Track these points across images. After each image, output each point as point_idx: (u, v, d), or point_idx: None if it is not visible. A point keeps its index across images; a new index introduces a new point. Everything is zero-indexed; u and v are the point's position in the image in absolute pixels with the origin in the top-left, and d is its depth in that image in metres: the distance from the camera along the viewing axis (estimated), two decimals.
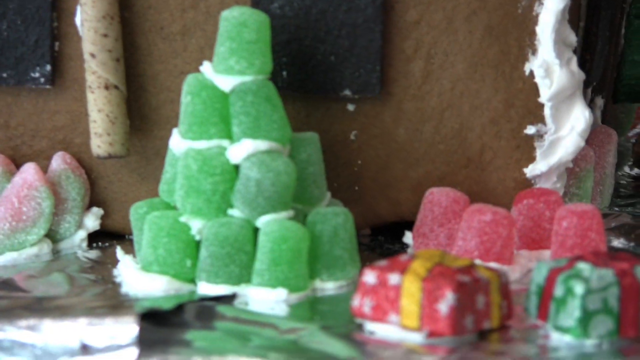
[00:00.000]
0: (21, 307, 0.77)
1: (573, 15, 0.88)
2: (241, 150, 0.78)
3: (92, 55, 0.84)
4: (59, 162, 0.87)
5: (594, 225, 0.80)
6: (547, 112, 0.85)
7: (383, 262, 0.73)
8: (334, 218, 0.79)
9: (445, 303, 0.67)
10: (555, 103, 0.85)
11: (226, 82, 0.79)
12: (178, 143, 0.79)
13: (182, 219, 0.79)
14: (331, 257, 0.79)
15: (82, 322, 0.73)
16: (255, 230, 0.78)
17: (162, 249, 0.79)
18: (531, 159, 0.85)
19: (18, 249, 0.85)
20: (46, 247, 0.86)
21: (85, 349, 0.71)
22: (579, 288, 0.67)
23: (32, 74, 0.88)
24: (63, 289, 0.81)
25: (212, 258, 0.78)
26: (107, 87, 0.84)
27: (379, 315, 0.70)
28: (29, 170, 0.86)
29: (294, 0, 0.86)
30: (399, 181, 0.87)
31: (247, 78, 0.79)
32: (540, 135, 0.85)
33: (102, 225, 0.88)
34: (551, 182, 0.86)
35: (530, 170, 0.85)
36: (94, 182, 0.89)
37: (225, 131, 0.80)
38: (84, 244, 0.88)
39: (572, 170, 0.88)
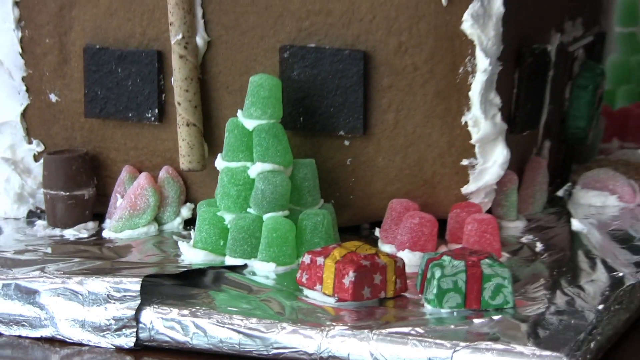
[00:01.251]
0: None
1: (504, 84, 0.92)
2: (256, 169, 0.88)
3: (179, 104, 0.94)
4: (164, 172, 0.97)
5: (489, 229, 0.86)
6: (477, 150, 0.90)
7: (318, 249, 0.82)
8: (315, 217, 0.88)
9: (348, 279, 0.78)
10: (482, 144, 0.90)
11: (249, 124, 0.89)
12: (220, 163, 0.90)
13: (219, 212, 0.89)
14: (311, 244, 0.87)
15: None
16: (262, 223, 0.88)
17: (205, 232, 0.89)
18: (466, 181, 0.91)
19: (133, 228, 0.96)
20: (153, 228, 0.96)
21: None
22: (437, 272, 0.76)
23: (147, 115, 0.97)
24: (151, 254, 0.92)
25: (234, 240, 0.87)
26: (188, 125, 0.94)
27: (310, 284, 0.80)
28: (142, 177, 0.96)
29: (307, 70, 0.92)
30: (379, 193, 0.93)
31: (262, 122, 0.88)
32: (472, 166, 0.91)
33: (193, 214, 0.98)
34: (480, 198, 0.92)
35: (464, 189, 0.91)
36: (188, 186, 0.98)
37: (248, 156, 0.89)
38: (181, 227, 0.97)
39: (500, 189, 0.94)
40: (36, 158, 1.02)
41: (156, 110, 0.98)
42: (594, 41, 1.11)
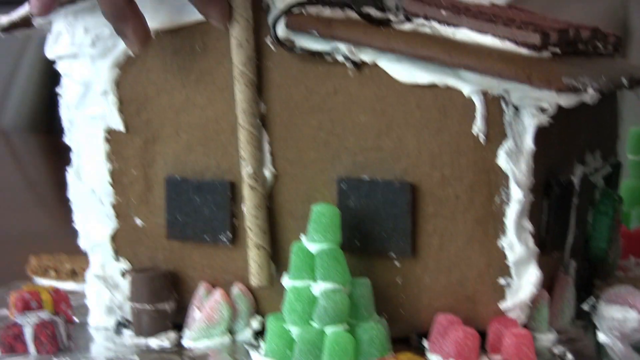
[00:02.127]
0: None
1: (534, 212, 0.91)
2: (319, 287, 0.88)
3: (250, 229, 0.95)
4: (236, 288, 0.97)
5: (526, 342, 0.86)
6: (512, 270, 0.90)
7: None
8: (371, 330, 0.88)
9: None
10: (516, 265, 0.90)
11: (313, 247, 0.89)
12: (286, 281, 0.90)
13: (286, 326, 0.89)
14: (368, 354, 0.87)
15: None
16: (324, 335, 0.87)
17: (274, 343, 0.89)
18: (503, 298, 0.90)
19: (210, 338, 0.96)
20: (227, 338, 0.96)
21: None
22: None
23: (221, 237, 0.98)
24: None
25: (300, 351, 0.87)
26: (257, 247, 0.94)
27: None
28: (217, 293, 0.97)
29: (361, 199, 0.92)
30: (426, 308, 0.93)
31: (324, 246, 0.88)
32: (508, 284, 0.90)
33: (262, 326, 0.96)
34: (516, 313, 0.90)
35: (502, 305, 0.90)
36: (257, 300, 0.98)
37: (311, 276, 0.89)
38: (252, 337, 0.97)
39: (533, 304, 0.92)
40: (123, 275, 1.03)
41: (229, 234, 0.98)
42: (612, 171, 1.10)
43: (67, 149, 1.04)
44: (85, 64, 1.01)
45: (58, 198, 1.90)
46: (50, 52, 1.03)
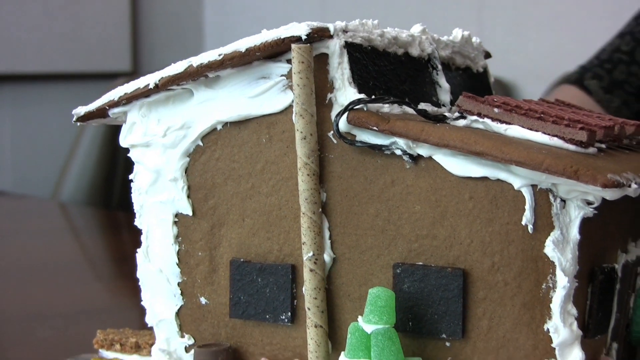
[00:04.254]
0: None
1: (579, 297, 0.92)
2: None
3: (309, 309, 0.95)
4: None
5: None
6: (557, 352, 0.90)
7: None
8: None
9: None
10: (561, 348, 0.90)
11: (368, 328, 0.90)
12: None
13: None
14: None
15: None
16: None
17: None
18: None
19: None
20: None
21: None
22: None
23: (281, 317, 0.99)
24: None
25: None
26: (316, 326, 0.95)
27: None
28: None
29: (415, 283, 0.93)
30: None
31: (379, 326, 0.90)
32: None
33: None
34: None
35: None
36: None
37: (367, 355, 0.90)
38: None
39: None
40: (187, 350, 1.04)
41: (289, 314, 1.00)
42: None
43: (122, 224, 1.06)
44: (157, 153, 1.04)
45: (115, 273, 1.94)
46: (123, 141, 1.05)
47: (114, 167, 2.97)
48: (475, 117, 0.96)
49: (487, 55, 1.24)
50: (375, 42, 1.00)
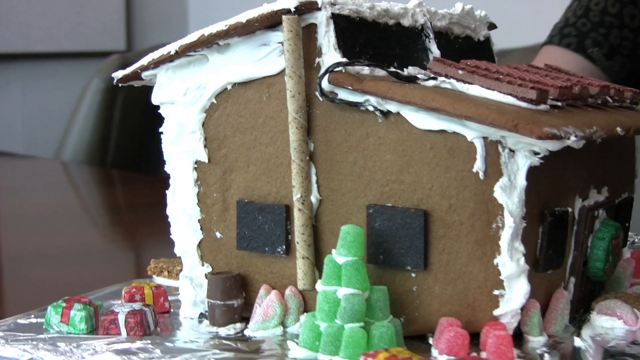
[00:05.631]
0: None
1: (531, 236, 0.99)
2: (342, 292, 0.97)
3: (297, 243, 1.04)
4: (288, 290, 1.07)
5: (504, 342, 0.92)
6: (505, 284, 0.97)
7: (372, 352, 0.90)
8: (381, 328, 0.96)
9: None
10: (509, 280, 0.97)
11: (340, 260, 0.98)
12: (319, 286, 0.99)
13: (316, 322, 0.98)
14: (378, 348, 0.94)
15: None
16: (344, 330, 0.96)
17: (306, 335, 0.98)
18: (497, 306, 0.98)
19: (265, 329, 1.06)
20: (279, 330, 1.06)
21: None
22: None
23: (278, 249, 1.08)
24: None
25: (324, 342, 0.96)
26: (303, 258, 1.04)
27: None
28: (273, 294, 1.06)
29: (385, 222, 1.00)
30: (436, 312, 1.01)
31: (348, 258, 0.97)
32: (502, 295, 0.98)
33: None
34: (507, 319, 0.98)
35: (495, 312, 0.98)
36: (305, 301, 1.07)
37: (338, 283, 0.97)
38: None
39: (525, 313, 0.99)
40: (206, 277, 1.15)
41: (284, 247, 1.09)
42: (620, 204, 1.16)
43: (116, 180, 1.15)
44: (179, 109, 1.14)
45: (108, 221, 2.05)
46: (155, 99, 1.16)
47: (109, 131, 3.22)
48: (443, 78, 1.04)
49: (492, 26, 1.30)
50: (364, 13, 1.08)
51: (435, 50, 1.15)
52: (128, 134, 3.29)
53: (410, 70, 1.07)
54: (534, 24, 2.73)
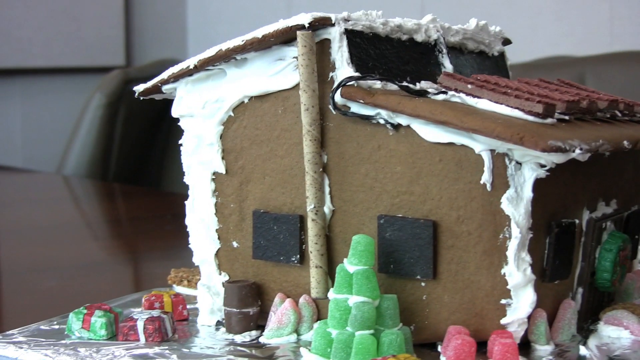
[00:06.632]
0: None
1: (538, 247, 1.00)
2: (353, 300, 0.98)
3: (311, 252, 1.05)
4: (302, 299, 1.08)
5: (510, 350, 0.94)
6: (512, 293, 0.98)
7: (380, 357, 0.92)
8: (391, 335, 0.97)
9: None
10: (515, 289, 0.98)
11: (351, 269, 0.99)
12: (331, 294, 1.01)
13: (328, 329, 1.00)
14: (387, 354, 0.96)
15: None
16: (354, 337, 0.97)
17: (318, 342, 0.99)
18: (504, 315, 0.99)
19: (280, 336, 1.07)
20: (293, 337, 1.07)
21: None
22: None
23: (292, 259, 1.09)
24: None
25: (336, 349, 0.97)
26: (316, 267, 1.05)
27: None
28: (287, 302, 1.07)
29: (395, 232, 1.02)
30: (445, 320, 1.02)
31: (359, 267, 0.99)
32: (509, 304, 0.99)
33: None
34: (514, 327, 0.99)
35: (502, 321, 0.99)
36: (319, 309, 1.08)
37: (349, 291, 0.99)
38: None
39: (532, 321, 1.00)
40: (223, 285, 1.16)
41: (298, 256, 1.11)
42: (630, 216, 1.17)
43: (117, 193, 1.17)
44: (198, 122, 1.16)
45: (109, 234, 2.07)
46: (175, 112, 1.18)
47: (110, 145, 3.25)
48: (452, 92, 1.05)
49: (506, 41, 1.32)
50: (378, 29, 1.10)
51: (448, 65, 1.16)
52: (129, 148, 3.32)
53: (423, 85, 1.09)
54: (530, 40, 2.75)
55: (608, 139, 1.02)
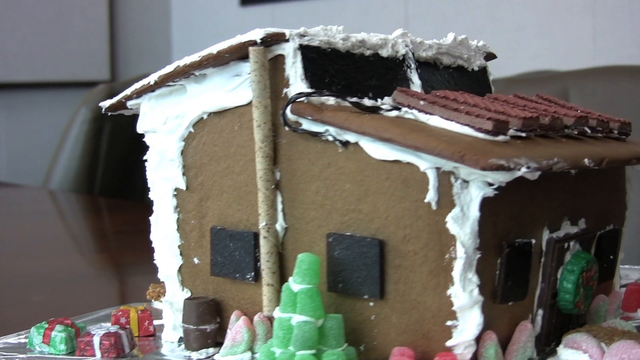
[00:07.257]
0: None
1: (489, 267, 0.97)
2: (295, 319, 0.96)
3: (262, 270, 1.04)
4: (257, 316, 1.05)
5: None
6: (458, 314, 0.95)
7: None
8: (332, 356, 0.96)
9: None
10: (461, 310, 0.95)
11: (295, 287, 0.98)
12: (276, 313, 0.99)
13: (272, 348, 0.99)
14: None
15: None
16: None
17: None
18: (450, 337, 0.96)
19: (233, 354, 1.05)
20: (247, 356, 1.05)
21: None
22: None
23: (247, 276, 1.08)
24: None
25: None
26: (268, 285, 1.04)
27: None
28: (241, 319, 1.06)
29: (343, 250, 1.00)
30: (394, 341, 0.99)
31: (303, 286, 0.97)
32: (455, 326, 0.96)
33: None
34: (461, 349, 0.95)
35: (448, 343, 0.96)
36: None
37: (294, 310, 0.97)
38: None
39: (482, 344, 0.96)
40: (184, 302, 1.15)
41: (253, 273, 1.09)
42: (602, 236, 1.13)
43: (103, 207, 1.18)
44: (160, 138, 1.16)
45: (95, 248, 2.07)
46: (139, 128, 1.18)
47: (96, 159, 3.28)
48: (406, 109, 1.03)
49: (491, 56, 1.29)
50: (337, 45, 1.08)
51: (416, 81, 1.14)
52: (115, 162, 3.34)
53: (385, 100, 1.07)
54: (514, 55, 2.71)
55: (565, 157, 0.99)
